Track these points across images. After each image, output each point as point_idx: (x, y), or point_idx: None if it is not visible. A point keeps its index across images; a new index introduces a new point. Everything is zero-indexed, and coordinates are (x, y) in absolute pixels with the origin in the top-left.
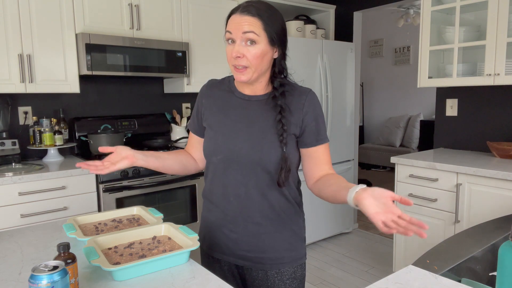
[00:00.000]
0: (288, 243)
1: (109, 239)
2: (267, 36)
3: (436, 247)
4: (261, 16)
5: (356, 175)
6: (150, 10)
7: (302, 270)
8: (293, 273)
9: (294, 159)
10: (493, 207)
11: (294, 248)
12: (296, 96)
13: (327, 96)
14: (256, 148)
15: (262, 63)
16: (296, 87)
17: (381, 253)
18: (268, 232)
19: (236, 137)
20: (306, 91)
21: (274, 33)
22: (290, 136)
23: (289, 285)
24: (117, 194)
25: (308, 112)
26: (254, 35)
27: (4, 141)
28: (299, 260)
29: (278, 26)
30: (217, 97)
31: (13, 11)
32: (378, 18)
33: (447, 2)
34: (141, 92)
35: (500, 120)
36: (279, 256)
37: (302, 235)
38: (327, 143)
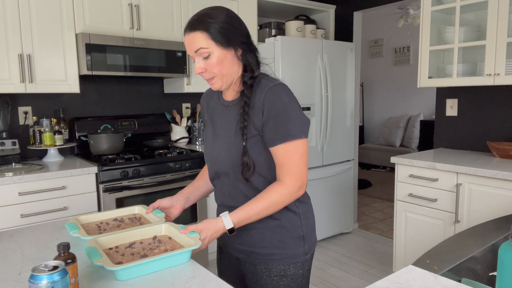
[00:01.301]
0: (279, 240)
1: (110, 239)
2: (215, 42)
3: (436, 247)
4: (202, 27)
5: (356, 175)
6: (150, 10)
7: (295, 269)
8: (283, 270)
9: (259, 157)
10: (493, 207)
11: (286, 246)
12: (258, 93)
13: (327, 96)
14: (226, 150)
15: (225, 68)
16: (262, 83)
17: (381, 253)
18: (256, 228)
19: (216, 144)
20: (267, 87)
21: (220, 36)
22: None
23: (276, 282)
24: (117, 194)
25: (265, 109)
26: (203, 49)
27: (4, 141)
28: (292, 259)
29: (221, 26)
30: (209, 107)
31: (13, 11)
32: (378, 18)
33: (447, 2)
34: (141, 92)
35: (500, 120)
36: (268, 252)
37: (297, 233)
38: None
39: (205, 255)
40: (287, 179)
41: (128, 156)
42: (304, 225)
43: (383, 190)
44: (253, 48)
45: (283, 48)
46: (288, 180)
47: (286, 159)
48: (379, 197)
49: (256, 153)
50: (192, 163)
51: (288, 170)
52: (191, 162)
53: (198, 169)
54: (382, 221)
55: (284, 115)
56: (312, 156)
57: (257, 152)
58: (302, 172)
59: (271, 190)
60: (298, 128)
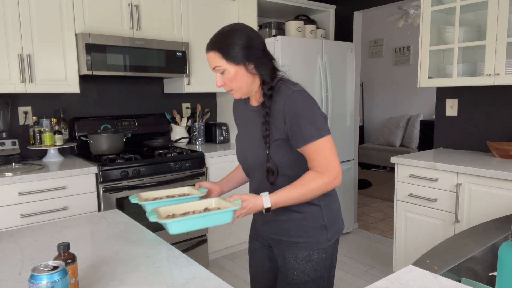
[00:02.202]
0: (303, 230)
1: (168, 209)
2: (227, 61)
3: (436, 247)
4: (216, 46)
5: (356, 175)
6: (150, 10)
7: (319, 254)
8: (308, 256)
9: (282, 160)
10: (493, 207)
11: (310, 235)
12: (277, 101)
13: (327, 96)
14: (252, 153)
15: (239, 82)
16: (281, 90)
17: (381, 253)
18: (281, 220)
19: (244, 145)
20: (285, 95)
21: (231, 55)
22: (276, 142)
23: (303, 265)
24: (117, 194)
25: (286, 116)
26: (218, 67)
27: (4, 141)
28: (315, 245)
29: (234, 46)
30: (238, 111)
31: (13, 11)
32: (378, 18)
33: (447, 2)
34: (141, 92)
35: (500, 120)
36: (294, 241)
37: (319, 223)
38: (316, 141)
39: (205, 255)
40: (322, 171)
41: (128, 156)
42: (326, 216)
43: (383, 190)
44: (264, 60)
45: (283, 48)
46: (323, 172)
47: (316, 155)
48: (379, 197)
49: (280, 156)
50: (192, 163)
51: (320, 164)
52: (191, 162)
53: (198, 169)
54: (382, 221)
55: (304, 119)
56: None
57: (280, 155)
58: (334, 164)
59: (309, 178)
60: (319, 128)
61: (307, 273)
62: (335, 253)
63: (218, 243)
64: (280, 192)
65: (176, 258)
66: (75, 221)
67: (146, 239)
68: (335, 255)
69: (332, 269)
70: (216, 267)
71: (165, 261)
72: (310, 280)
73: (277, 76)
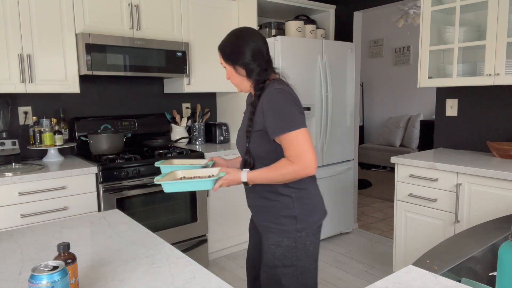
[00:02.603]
0: (274, 217)
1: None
2: (225, 60)
3: (436, 247)
4: (219, 46)
5: (356, 175)
6: (150, 10)
7: (289, 242)
8: (278, 242)
9: (260, 149)
10: (493, 207)
11: (281, 222)
12: (261, 97)
13: (327, 96)
14: (240, 143)
15: (234, 79)
16: (267, 89)
17: (381, 253)
18: (258, 205)
19: (238, 134)
20: (266, 92)
21: (226, 56)
22: (256, 132)
23: (273, 249)
24: (117, 194)
25: (264, 110)
26: (222, 64)
27: (4, 141)
28: (284, 233)
29: (228, 49)
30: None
31: (13, 11)
32: (378, 18)
33: (447, 2)
34: (141, 92)
35: (500, 120)
36: (267, 225)
37: (289, 213)
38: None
39: (205, 255)
40: (293, 160)
41: (128, 156)
42: (297, 208)
43: (383, 190)
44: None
45: (283, 48)
46: (294, 160)
47: (289, 146)
48: (379, 197)
49: (258, 145)
50: None
51: (292, 153)
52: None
53: None
54: (382, 221)
55: (278, 113)
56: None
57: (258, 144)
58: (305, 155)
59: (282, 163)
60: (292, 121)
61: (277, 258)
62: (313, 245)
63: (218, 243)
64: (257, 171)
65: (176, 258)
66: (75, 221)
67: (146, 239)
68: (312, 247)
69: (308, 260)
70: (216, 267)
71: (165, 261)
72: (281, 265)
73: (271, 77)
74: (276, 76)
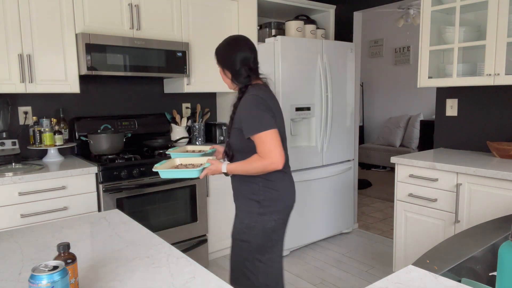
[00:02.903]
0: (244, 199)
1: (180, 160)
2: (218, 64)
3: (436, 247)
4: (216, 52)
5: (356, 175)
6: (150, 10)
7: (250, 221)
8: (242, 219)
9: (237, 144)
10: (493, 207)
11: (246, 204)
12: (241, 101)
13: (327, 96)
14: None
15: (224, 80)
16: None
17: (381, 253)
18: (236, 188)
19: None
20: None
21: (219, 60)
22: (235, 129)
23: (238, 224)
24: (117, 194)
25: (240, 113)
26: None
27: (4, 141)
28: (248, 213)
29: (219, 56)
30: None
31: (13, 11)
32: (378, 18)
33: (447, 2)
34: (141, 92)
35: (500, 120)
36: (238, 205)
37: (255, 197)
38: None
39: (205, 255)
40: (262, 156)
41: (128, 156)
42: (262, 195)
43: (383, 190)
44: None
45: (283, 48)
46: (263, 157)
47: (259, 144)
48: (379, 197)
49: (235, 141)
50: None
51: (261, 151)
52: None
53: None
54: (382, 221)
55: (250, 116)
56: (312, 156)
57: (235, 140)
58: (272, 152)
59: (253, 158)
60: (261, 124)
61: (238, 232)
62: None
63: (218, 243)
64: (234, 164)
65: (176, 258)
66: (75, 221)
67: (146, 239)
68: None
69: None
70: (216, 267)
71: (165, 261)
72: (239, 239)
73: (254, 82)
74: (260, 81)
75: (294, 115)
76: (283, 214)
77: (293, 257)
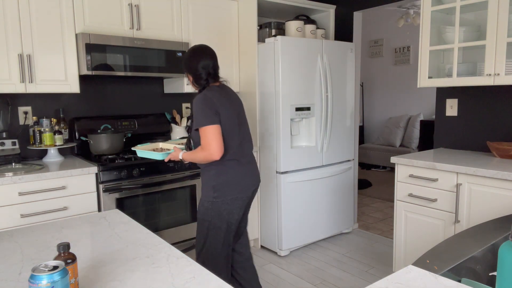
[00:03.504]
0: (204, 184)
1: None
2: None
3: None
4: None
5: (356, 175)
6: (150, 10)
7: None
8: (202, 202)
9: (194, 137)
10: (493, 207)
11: (205, 189)
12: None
13: (327, 96)
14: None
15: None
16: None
17: (381, 253)
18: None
19: None
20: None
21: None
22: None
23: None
24: (117, 194)
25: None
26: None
27: (4, 141)
28: (205, 197)
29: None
30: None
31: (13, 11)
32: (378, 18)
33: (447, 2)
34: (141, 92)
35: (500, 120)
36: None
37: (210, 183)
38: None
39: None
40: (203, 148)
41: (128, 156)
42: (215, 180)
43: (383, 190)
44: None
45: (283, 48)
46: (203, 148)
47: (201, 137)
48: (379, 197)
49: (193, 134)
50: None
51: (202, 143)
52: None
53: (198, 169)
54: (382, 221)
55: (196, 113)
56: (312, 156)
57: (194, 134)
58: (210, 146)
59: (198, 149)
60: (202, 120)
61: (200, 213)
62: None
63: None
64: (187, 153)
65: (176, 258)
66: (75, 221)
67: (146, 239)
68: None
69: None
70: None
71: (165, 261)
72: (201, 218)
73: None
74: (218, 83)
75: (294, 115)
76: (237, 199)
77: (293, 257)
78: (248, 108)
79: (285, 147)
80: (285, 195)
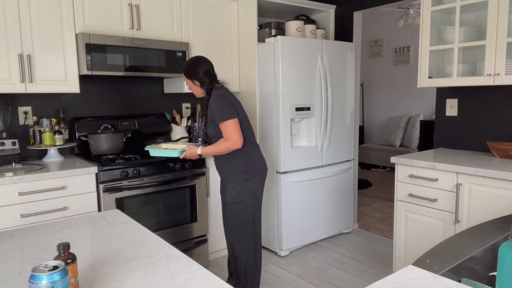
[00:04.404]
0: (232, 171)
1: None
2: (188, 78)
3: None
4: (184, 71)
5: (356, 175)
6: (150, 10)
7: (240, 186)
8: (233, 186)
9: (212, 133)
10: (493, 207)
11: (233, 175)
12: (210, 100)
13: (327, 96)
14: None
15: (193, 89)
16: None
17: (381, 253)
18: (220, 167)
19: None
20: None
21: (188, 75)
22: (210, 122)
23: (230, 192)
24: (117, 194)
25: (211, 108)
26: (184, 80)
27: (4, 141)
28: (237, 181)
29: (188, 72)
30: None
31: (13, 11)
32: (378, 18)
33: (447, 2)
34: (141, 92)
35: (500, 120)
36: (226, 177)
37: (240, 168)
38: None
39: (206, 256)
40: (226, 139)
41: (128, 156)
42: (244, 165)
43: (383, 190)
44: (204, 79)
45: (283, 48)
46: (226, 139)
47: (223, 130)
48: (379, 197)
49: (211, 130)
50: (192, 163)
51: (225, 135)
52: (191, 162)
53: (198, 169)
54: (382, 221)
55: (216, 109)
56: (312, 156)
57: (211, 129)
58: (233, 136)
59: (220, 142)
60: (224, 115)
61: (232, 197)
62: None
63: (218, 243)
64: (207, 148)
65: (176, 258)
66: (75, 221)
67: (146, 239)
68: (256, 191)
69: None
70: (216, 267)
71: (165, 261)
72: (233, 201)
73: (216, 86)
74: (219, 85)
75: (294, 115)
76: (260, 177)
77: (293, 257)
78: (248, 108)
79: (285, 147)
80: (285, 195)
